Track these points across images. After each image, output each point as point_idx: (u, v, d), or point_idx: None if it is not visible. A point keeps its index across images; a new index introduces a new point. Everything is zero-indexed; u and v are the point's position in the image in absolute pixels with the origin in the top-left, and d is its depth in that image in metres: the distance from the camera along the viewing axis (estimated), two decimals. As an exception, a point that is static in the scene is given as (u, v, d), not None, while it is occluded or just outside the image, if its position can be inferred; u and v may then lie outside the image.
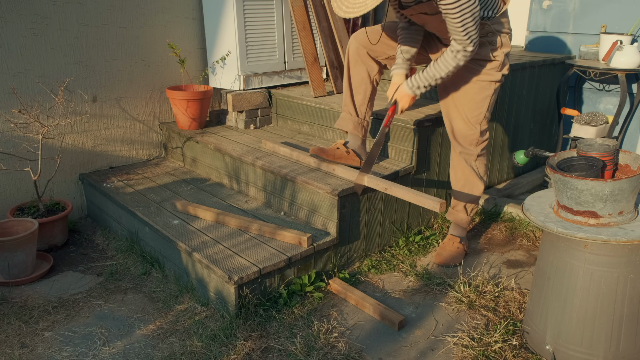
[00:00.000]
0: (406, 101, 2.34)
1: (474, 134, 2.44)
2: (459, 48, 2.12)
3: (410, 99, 2.34)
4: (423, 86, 2.28)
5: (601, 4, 3.48)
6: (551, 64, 3.51)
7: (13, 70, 2.81)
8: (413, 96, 2.33)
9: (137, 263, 2.65)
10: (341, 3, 1.97)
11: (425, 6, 2.13)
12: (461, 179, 2.58)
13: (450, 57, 2.16)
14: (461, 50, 2.13)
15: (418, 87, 2.29)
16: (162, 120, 3.50)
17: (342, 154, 2.57)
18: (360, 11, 1.92)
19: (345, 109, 2.58)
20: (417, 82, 2.28)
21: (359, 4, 1.92)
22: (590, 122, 3.23)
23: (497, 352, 1.97)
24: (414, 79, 2.29)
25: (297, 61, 3.56)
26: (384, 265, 2.60)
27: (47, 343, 2.07)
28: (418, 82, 2.28)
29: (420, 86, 2.28)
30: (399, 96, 2.34)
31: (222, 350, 1.99)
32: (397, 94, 2.35)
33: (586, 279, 1.78)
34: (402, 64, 2.38)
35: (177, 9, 3.36)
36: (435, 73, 2.22)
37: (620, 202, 1.73)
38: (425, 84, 2.27)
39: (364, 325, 2.17)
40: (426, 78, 2.25)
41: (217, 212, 2.57)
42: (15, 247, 2.43)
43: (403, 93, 2.33)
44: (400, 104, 2.35)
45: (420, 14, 2.20)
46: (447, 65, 2.19)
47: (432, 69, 2.23)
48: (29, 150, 2.92)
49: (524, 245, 2.82)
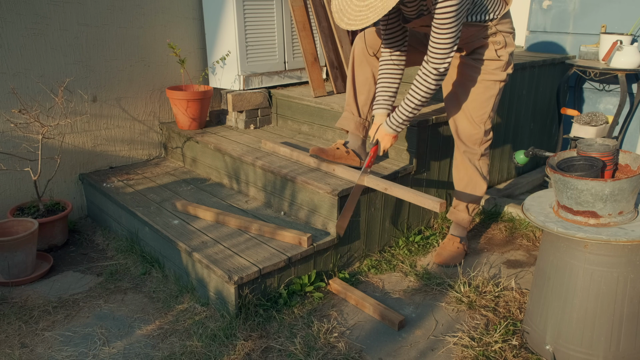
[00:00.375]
0: (388, 140, 2.36)
1: (478, 134, 2.44)
2: (429, 69, 2.12)
3: (392, 138, 2.36)
4: (402, 122, 2.29)
5: (601, 4, 3.48)
6: (551, 64, 3.51)
7: (13, 70, 2.81)
8: (394, 135, 2.35)
9: (137, 263, 2.65)
10: (343, 15, 1.98)
11: (427, 19, 2.15)
12: (464, 178, 2.58)
13: (420, 81, 2.16)
14: (432, 72, 2.12)
15: (398, 125, 2.30)
16: (162, 120, 3.50)
17: (342, 154, 2.57)
18: (362, 24, 1.93)
19: (348, 108, 2.58)
20: (397, 119, 2.29)
21: (361, 17, 1.93)
22: (590, 122, 3.23)
23: (497, 352, 1.97)
24: (392, 118, 2.30)
25: (297, 61, 3.56)
26: (384, 265, 2.60)
27: (47, 343, 2.07)
28: (397, 120, 2.29)
29: (400, 123, 2.29)
30: (380, 136, 2.36)
31: (222, 350, 1.99)
32: (378, 134, 2.37)
33: (586, 279, 1.78)
34: (383, 103, 2.39)
35: (177, 9, 3.36)
36: (410, 104, 2.22)
37: (620, 202, 1.73)
38: (404, 119, 2.28)
39: (364, 325, 2.17)
40: (403, 113, 2.26)
41: (217, 212, 2.57)
42: (15, 247, 2.43)
43: (384, 133, 2.35)
44: (382, 144, 2.37)
45: (422, 26, 2.23)
46: (419, 92, 2.19)
47: (405, 103, 2.23)
48: (29, 150, 2.92)
49: (524, 245, 2.82)
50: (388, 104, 2.39)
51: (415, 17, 2.18)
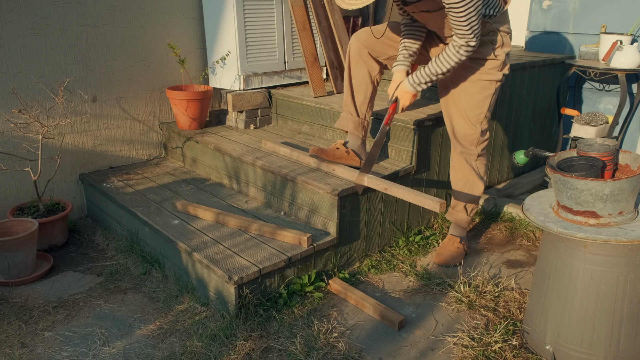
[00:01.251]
0: (407, 98, 2.34)
1: (475, 134, 2.44)
2: (461, 43, 2.12)
3: (412, 96, 2.33)
4: (424, 82, 2.27)
5: (601, 4, 3.48)
6: (551, 64, 3.50)
7: (13, 70, 2.81)
8: (414, 93, 2.32)
9: (137, 263, 2.65)
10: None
11: (428, 3, 2.13)
12: (461, 178, 2.58)
13: (452, 52, 2.16)
14: (464, 45, 2.12)
15: (419, 83, 2.28)
16: (162, 120, 3.50)
17: (342, 154, 2.57)
18: (363, 2, 1.91)
19: (346, 108, 2.58)
20: (419, 78, 2.27)
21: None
22: (590, 122, 3.23)
23: (497, 352, 1.97)
24: (415, 76, 2.28)
25: (297, 61, 3.56)
26: (384, 265, 2.60)
27: (47, 343, 2.07)
28: (419, 79, 2.27)
29: (422, 82, 2.27)
30: (400, 93, 2.33)
31: (222, 350, 1.99)
32: (398, 91, 2.34)
33: (586, 279, 1.78)
34: (403, 60, 2.37)
35: (177, 9, 3.36)
36: (437, 68, 2.21)
37: (620, 202, 1.73)
38: (427, 80, 2.26)
39: (364, 325, 2.17)
40: (428, 74, 2.24)
41: (217, 212, 2.57)
42: (15, 247, 2.43)
43: (404, 90, 2.32)
44: (402, 102, 2.35)
45: (422, 12, 2.20)
46: (449, 61, 2.18)
47: (434, 65, 2.22)
48: (29, 150, 2.92)
49: (524, 245, 2.82)
50: (408, 61, 2.37)
51: (416, 0, 2.16)
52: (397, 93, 2.34)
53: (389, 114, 2.36)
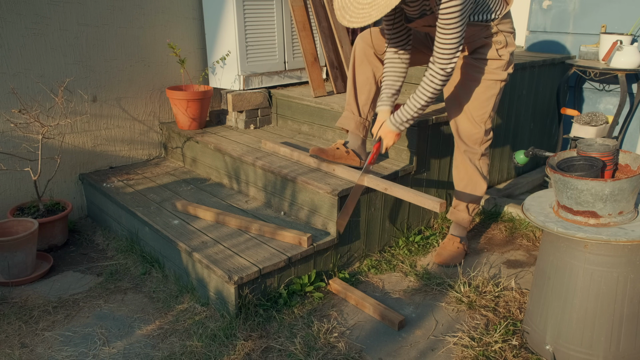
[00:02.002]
0: (391, 138, 2.35)
1: (479, 133, 2.45)
2: (437, 69, 2.12)
3: (395, 136, 2.35)
4: (406, 121, 2.29)
5: (601, 4, 3.48)
6: (551, 64, 3.50)
7: (13, 70, 2.81)
8: (398, 133, 2.34)
9: (137, 263, 2.65)
10: (344, 12, 1.98)
11: (429, 19, 2.15)
12: (464, 178, 2.58)
13: (428, 82, 2.17)
14: (439, 72, 2.12)
15: (401, 122, 2.30)
16: (162, 120, 3.50)
17: (342, 154, 2.57)
18: (364, 22, 1.92)
19: (348, 108, 2.58)
20: (400, 117, 2.29)
21: (363, 14, 1.92)
22: (590, 122, 3.23)
23: (497, 352, 1.97)
24: (396, 115, 2.30)
25: (297, 61, 3.56)
26: (384, 265, 2.60)
27: (47, 343, 2.07)
28: (401, 118, 2.29)
29: (404, 121, 2.29)
30: (383, 133, 2.35)
31: (222, 350, 1.99)
32: (381, 132, 2.36)
33: (586, 279, 1.78)
34: (386, 100, 2.38)
35: (177, 9, 3.36)
36: (416, 104, 2.23)
37: (620, 202, 1.73)
38: (408, 118, 2.28)
39: (364, 325, 2.17)
40: (408, 112, 2.26)
41: (217, 212, 2.57)
42: (15, 247, 2.43)
43: (387, 130, 2.34)
44: (385, 142, 2.36)
45: (424, 26, 2.23)
46: (425, 93, 2.19)
47: (412, 102, 2.24)
48: (29, 150, 2.92)
49: (524, 245, 2.82)
50: (391, 101, 2.38)
51: (418, 17, 2.18)
52: (381, 133, 2.36)
53: (373, 153, 2.37)
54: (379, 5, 1.89)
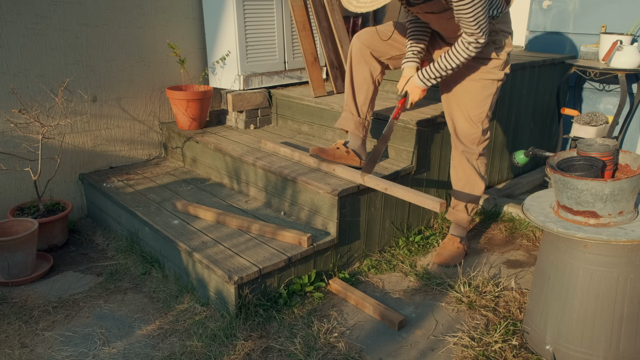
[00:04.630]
0: (417, 93, 2.36)
1: (476, 133, 2.45)
2: (470, 40, 2.14)
3: (421, 92, 2.36)
4: (434, 77, 2.29)
5: (601, 4, 3.48)
6: (551, 64, 3.51)
7: (13, 70, 2.81)
8: (424, 88, 2.35)
9: (137, 263, 2.65)
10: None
11: (433, 5, 2.14)
12: (462, 178, 2.58)
13: (462, 48, 2.17)
14: (473, 42, 2.14)
15: (429, 78, 2.30)
16: (162, 120, 3.50)
17: (342, 154, 2.57)
18: (372, 6, 1.92)
19: (347, 108, 2.58)
20: (429, 74, 2.29)
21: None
22: (590, 122, 3.23)
23: (497, 352, 1.97)
24: (425, 71, 2.30)
25: (297, 61, 3.56)
26: (384, 265, 2.60)
27: (47, 343, 2.07)
28: (429, 74, 2.29)
29: (431, 78, 2.29)
30: (409, 88, 2.36)
31: (222, 350, 1.99)
32: (407, 86, 2.36)
33: (586, 279, 1.78)
34: (412, 57, 2.39)
35: (177, 9, 3.36)
36: (446, 64, 2.23)
37: (620, 202, 1.73)
38: (436, 75, 2.28)
39: (364, 325, 2.17)
40: (437, 69, 2.26)
41: (217, 212, 2.57)
42: (15, 247, 2.43)
43: (414, 85, 2.34)
44: (411, 96, 2.37)
45: (426, 13, 2.21)
46: (458, 57, 2.20)
47: (443, 60, 2.24)
48: (29, 150, 2.92)
49: (524, 245, 2.82)
50: (417, 58, 2.39)
51: (421, 2, 2.16)
52: (407, 88, 2.36)
53: (398, 109, 2.38)
54: None
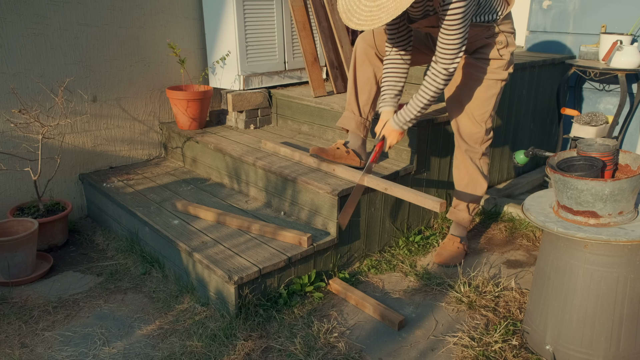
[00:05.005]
0: (394, 137, 2.37)
1: (480, 132, 2.45)
2: (439, 69, 2.13)
3: (399, 135, 2.36)
4: (409, 120, 2.30)
5: (601, 4, 3.48)
6: (551, 64, 3.51)
7: (13, 70, 2.81)
8: (401, 132, 2.36)
9: (137, 263, 2.65)
10: (351, 15, 1.96)
11: (432, 19, 2.16)
12: (465, 177, 2.58)
13: (430, 81, 2.18)
14: (441, 72, 2.13)
15: (405, 122, 2.31)
16: (162, 120, 3.50)
17: (342, 154, 2.57)
18: (373, 25, 1.91)
19: (349, 108, 2.58)
20: (404, 117, 2.30)
21: (372, 17, 1.91)
22: (590, 122, 3.23)
23: (497, 352, 1.97)
24: (400, 115, 2.31)
25: (297, 61, 3.56)
26: (384, 265, 2.60)
27: (47, 343, 2.07)
28: (404, 117, 2.30)
29: (407, 121, 2.30)
30: (386, 132, 2.37)
31: (222, 350, 1.99)
32: (384, 130, 2.37)
33: (586, 279, 1.78)
34: (389, 100, 2.39)
35: (177, 9, 3.36)
36: (418, 103, 2.24)
37: (620, 202, 1.73)
38: (411, 117, 2.29)
39: (364, 325, 2.17)
40: (411, 111, 2.27)
41: (217, 213, 2.57)
42: (15, 247, 2.43)
43: (390, 129, 2.35)
44: (389, 140, 2.38)
45: (427, 27, 2.24)
46: (428, 92, 2.20)
47: (415, 101, 2.25)
48: (29, 150, 2.92)
49: (524, 245, 2.82)
50: (394, 101, 2.39)
51: (421, 18, 2.18)
52: (384, 132, 2.37)
53: (376, 152, 2.39)
54: (388, 8, 1.87)
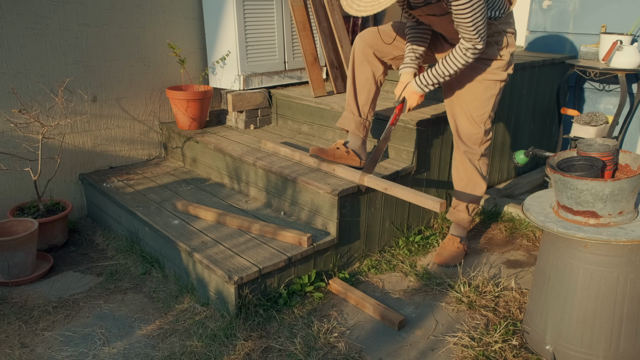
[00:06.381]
0: (414, 99, 2.36)
1: (479, 133, 2.45)
2: (468, 46, 2.13)
3: (419, 97, 2.35)
4: (432, 84, 2.29)
5: (601, 4, 3.48)
6: (551, 64, 3.50)
7: (13, 70, 2.81)
8: (421, 94, 2.34)
9: (137, 263, 2.65)
10: (351, 1, 1.96)
11: (434, 7, 2.14)
12: (464, 178, 2.58)
13: (459, 54, 2.17)
14: (470, 48, 2.14)
15: (426, 84, 2.30)
16: (162, 120, 3.50)
17: (342, 154, 2.57)
18: (373, 10, 1.90)
19: (348, 108, 2.58)
20: (426, 79, 2.29)
21: (372, 2, 1.91)
22: (590, 122, 3.23)
23: (497, 352, 1.97)
24: (422, 77, 2.30)
25: (297, 61, 3.56)
26: (384, 265, 2.60)
27: (47, 343, 2.07)
28: (427, 80, 2.29)
29: (429, 84, 2.29)
30: (407, 94, 2.36)
31: (222, 350, 1.99)
32: (405, 92, 2.36)
33: (586, 279, 1.78)
34: (410, 62, 2.38)
35: (177, 9, 3.36)
36: (444, 70, 2.23)
37: (620, 202, 1.73)
38: (434, 82, 2.28)
39: (364, 325, 2.17)
40: (435, 75, 2.26)
41: (217, 213, 2.57)
42: (15, 247, 2.43)
43: (411, 91, 2.34)
44: (409, 102, 2.37)
45: (428, 15, 2.22)
46: (456, 63, 2.19)
47: (441, 67, 2.24)
48: (29, 150, 2.92)
49: (524, 245, 2.82)
50: (415, 64, 2.39)
51: (422, 5, 2.16)
52: (405, 94, 2.36)
53: (395, 114, 2.38)
54: None
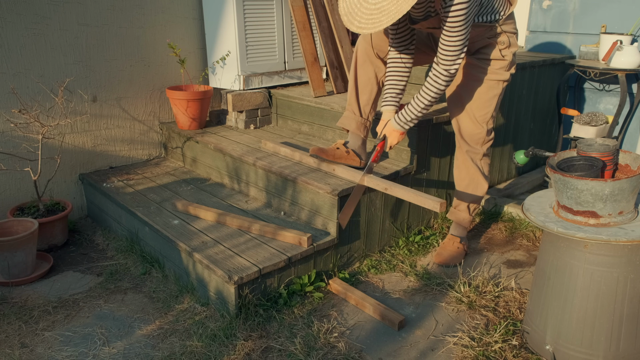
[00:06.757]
0: (395, 137, 2.37)
1: (481, 133, 2.45)
2: (440, 70, 2.13)
3: (400, 135, 2.37)
4: (410, 120, 2.30)
5: (601, 4, 3.48)
6: (551, 64, 3.50)
7: (13, 70, 2.81)
8: (402, 132, 2.36)
9: (137, 263, 2.65)
10: (352, 18, 1.95)
11: (433, 21, 2.15)
12: (466, 178, 2.58)
13: (432, 82, 2.18)
14: (443, 73, 2.13)
15: (405, 122, 2.31)
16: (162, 120, 3.50)
17: (342, 154, 2.57)
18: (374, 28, 1.90)
19: (349, 108, 2.58)
20: (404, 117, 2.30)
21: (373, 20, 1.90)
22: (590, 122, 3.23)
23: (497, 352, 1.97)
24: (401, 115, 2.31)
25: (297, 61, 3.56)
26: (384, 265, 2.60)
27: (47, 343, 2.07)
28: (405, 117, 2.30)
29: (407, 121, 2.31)
30: (387, 132, 2.37)
31: (222, 350, 1.99)
32: (385, 130, 2.38)
33: (586, 279, 1.78)
34: (391, 100, 2.39)
35: (177, 9, 3.36)
36: (419, 103, 2.24)
37: (620, 202, 1.73)
38: (412, 117, 2.29)
39: (364, 325, 2.17)
40: (412, 111, 2.27)
41: (217, 213, 2.57)
42: (15, 247, 2.43)
43: (392, 129, 2.36)
44: (390, 140, 2.38)
45: (428, 28, 2.24)
46: (429, 93, 2.20)
47: (416, 101, 2.25)
48: (29, 150, 2.92)
49: (524, 245, 2.82)
50: (396, 101, 2.40)
51: (422, 19, 2.18)
52: (385, 131, 2.38)
53: (377, 152, 2.39)
54: (389, 11, 1.87)
